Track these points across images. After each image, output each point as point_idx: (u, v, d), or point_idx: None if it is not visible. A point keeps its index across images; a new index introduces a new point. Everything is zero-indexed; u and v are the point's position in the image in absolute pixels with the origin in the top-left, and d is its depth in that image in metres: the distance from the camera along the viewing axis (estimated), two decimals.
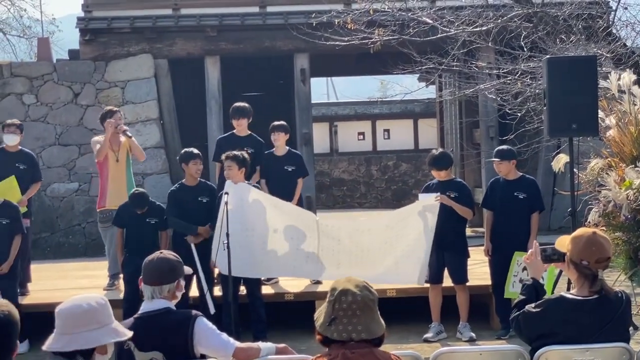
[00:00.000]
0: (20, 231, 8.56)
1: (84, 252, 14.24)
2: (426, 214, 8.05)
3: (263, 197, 8.38)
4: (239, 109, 9.42)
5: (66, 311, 3.37)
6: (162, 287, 4.19)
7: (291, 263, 8.38)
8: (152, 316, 4.15)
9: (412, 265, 8.13)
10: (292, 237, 8.34)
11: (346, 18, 11.93)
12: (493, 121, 14.52)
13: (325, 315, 3.43)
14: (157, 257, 4.29)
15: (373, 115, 24.57)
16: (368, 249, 8.32)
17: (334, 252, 8.36)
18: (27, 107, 14.88)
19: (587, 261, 4.10)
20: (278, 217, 8.35)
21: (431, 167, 8.36)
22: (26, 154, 9.77)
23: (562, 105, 7.58)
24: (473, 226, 15.72)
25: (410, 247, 8.15)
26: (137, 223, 8.48)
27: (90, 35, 15.06)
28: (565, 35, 11.08)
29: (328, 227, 8.42)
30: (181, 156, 8.70)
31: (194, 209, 8.37)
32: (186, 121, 15.67)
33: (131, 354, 4.12)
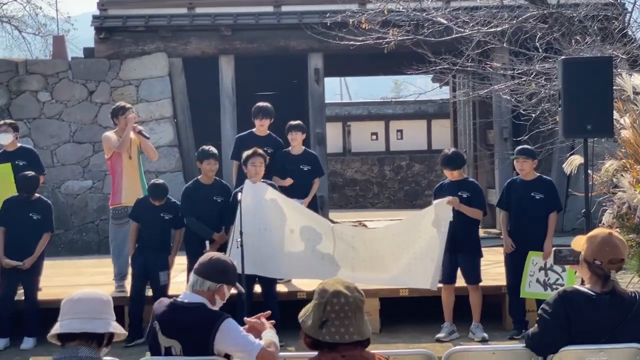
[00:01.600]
0: (49, 229, 8.63)
1: (97, 249, 14.30)
2: (439, 219, 8.03)
3: (280, 197, 8.39)
4: (263, 109, 9.40)
5: (90, 297, 3.49)
6: (205, 282, 4.22)
7: (307, 264, 8.39)
8: (185, 307, 4.19)
9: (423, 268, 8.12)
10: (308, 238, 8.36)
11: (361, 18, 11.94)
12: (507, 122, 14.48)
13: (314, 318, 3.40)
14: (218, 255, 4.36)
15: (386, 115, 24.56)
16: (382, 255, 8.33)
17: (349, 258, 8.38)
18: (42, 105, 14.95)
19: (600, 261, 4.09)
20: (295, 217, 8.37)
21: (444, 166, 8.34)
22: (25, 149, 9.81)
23: (577, 106, 7.56)
24: (486, 227, 15.71)
25: (422, 250, 8.14)
26: (153, 218, 8.49)
27: (105, 34, 15.12)
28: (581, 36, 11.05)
29: (343, 234, 8.45)
30: (198, 154, 8.75)
31: (208, 208, 8.38)
32: (200, 120, 15.71)
33: (156, 334, 4.19)
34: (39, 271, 8.69)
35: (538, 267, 8.10)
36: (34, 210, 8.52)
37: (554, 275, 8.07)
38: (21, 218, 8.46)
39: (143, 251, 8.47)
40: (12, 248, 8.46)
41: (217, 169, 8.63)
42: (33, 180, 8.59)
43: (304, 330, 3.43)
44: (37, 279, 8.67)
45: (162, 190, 8.52)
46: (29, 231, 8.47)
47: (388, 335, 8.47)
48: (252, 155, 8.27)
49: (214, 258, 4.32)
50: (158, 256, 8.44)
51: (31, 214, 8.49)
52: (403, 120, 24.48)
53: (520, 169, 8.28)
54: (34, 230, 8.49)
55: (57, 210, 14.52)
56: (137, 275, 8.49)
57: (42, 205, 8.62)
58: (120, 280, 9.17)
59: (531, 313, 8.22)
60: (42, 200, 8.70)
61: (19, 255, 8.42)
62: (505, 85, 12.06)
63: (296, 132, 9.30)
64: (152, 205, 8.52)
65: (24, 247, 8.43)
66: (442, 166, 8.41)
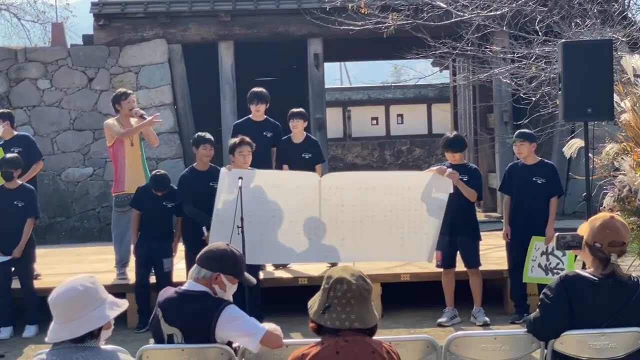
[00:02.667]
0: (33, 214, 8.58)
1: (99, 236, 14.31)
2: (436, 191, 7.98)
3: (260, 178, 8.25)
4: (257, 94, 9.38)
5: (62, 298, 3.30)
6: (201, 270, 4.22)
7: (292, 249, 8.32)
8: (188, 295, 4.19)
9: (418, 242, 8.07)
10: (291, 221, 8.25)
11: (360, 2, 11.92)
12: (507, 106, 14.47)
13: (319, 303, 3.42)
14: (218, 244, 4.33)
15: (386, 100, 24.52)
16: (372, 215, 8.18)
17: (337, 224, 8.21)
18: (42, 92, 14.94)
19: (600, 243, 4.09)
20: (276, 199, 8.24)
21: (445, 149, 8.32)
22: (20, 137, 9.81)
23: (577, 90, 7.55)
24: (487, 211, 15.73)
25: (416, 224, 8.09)
26: (155, 206, 8.49)
27: (104, 21, 15.08)
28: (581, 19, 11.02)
29: (331, 189, 8.24)
30: (193, 139, 8.74)
31: (205, 194, 8.33)
32: (200, 106, 15.69)
33: (159, 321, 4.20)
34: (31, 258, 8.66)
35: (540, 251, 8.11)
36: (18, 197, 8.50)
37: (554, 260, 8.09)
38: (6, 208, 8.43)
39: (146, 239, 8.48)
40: (1, 238, 8.44)
41: (212, 154, 8.59)
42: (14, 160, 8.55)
43: (310, 315, 3.45)
44: (31, 265, 8.65)
45: (164, 181, 8.53)
46: (16, 220, 8.43)
47: (389, 320, 8.48)
48: (240, 144, 8.23)
49: (213, 247, 4.32)
50: (161, 243, 8.46)
51: (15, 201, 8.47)
52: (403, 104, 24.44)
53: (519, 152, 8.27)
54: (20, 218, 8.45)
55: (58, 198, 14.58)
56: (141, 263, 8.50)
57: (24, 191, 8.58)
58: (122, 268, 9.17)
59: (532, 297, 8.24)
60: (25, 187, 8.65)
61: (9, 245, 8.39)
62: (505, 69, 12.05)
63: (297, 120, 9.27)
64: (153, 194, 8.52)
65: (13, 236, 8.40)
66: (443, 148, 8.39)
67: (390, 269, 9.16)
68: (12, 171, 8.50)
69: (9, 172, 8.50)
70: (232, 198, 7.98)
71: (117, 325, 3.57)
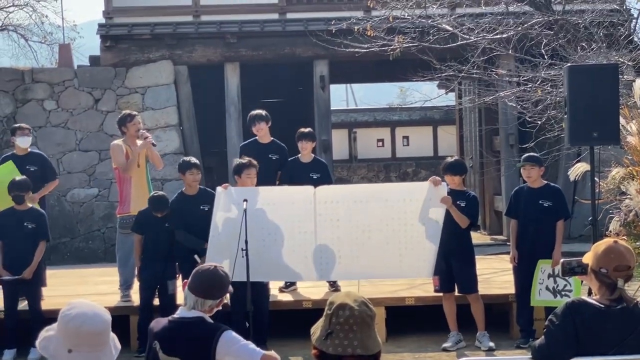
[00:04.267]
0: (45, 237, 8.59)
1: (103, 257, 14.30)
2: (432, 204, 7.97)
3: (256, 196, 8.22)
4: (257, 115, 9.37)
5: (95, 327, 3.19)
6: (206, 301, 4.19)
7: (289, 267, 8.28)
8: (184, 323, 4.17)
9: (416, 257, 8.04)
10: (287, 239, 8.22)
11: (366, 25, 11.93)
12: (513, 129, 14.46)
13: (322, 329, 3.39)
14: (212, 270, 4.28)
15: (392, 122, 24.55)
16: (369, 230, 8.14)
17: (333, 241, 8.17)
18: (48, 113, 14.97)
19: (605, 269, 4.06)
20: (272, 217, 8.23)
21: (445, 172, 8.32)
22: (36, 155, 9.82)
23: (583, 114, 7.53)
24: (492, 234, 15.68)
25: (414, 239, 8.05)
26: (156, 228, 8.47)
27: (111, 42, 15.15)
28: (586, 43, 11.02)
29: (326, 204, 8.21)
30: (179, 166, 8.67)
31: (196, 218, 8.32)
32: (205, 127, 15.71)
33: (156, 353, 4.17)
34: (41, 281, 8.69)
35: (547, 274, 8.08)
36: (29, 219, 8.51)
37: (562, 282, 8.05)
38: (16, 229, 8.44)
39: (150, 262, 8.44)
40: (10, 259, 8.44)
41: (200, 178, 8.58)
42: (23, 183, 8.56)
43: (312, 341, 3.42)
44: (39, 288, 8.66)
45: (163, 202, 8.51)
46: (25, 241, 8.44)
47: (394, 344, 8.43)
48: (248, 166, 8.26)
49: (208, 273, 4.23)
50: (165, 265, 8.42)
51: (25, 223, 8.48)
52: (409, 126, 24.46)
53: (527, 176, 8.25)
54: (30, 240, 8.47)
55: (63, 218, 14.57)
56: (146, 286, 8.47)
57: (35, 214, 8.61)
58: (126, 290, 9.13)
59: (538, 322, 8.18)
60: (35, 210, 8.69)
61: (17, 266, 8.39)
62: (511, 91, 12.04)
63: (307, 142, 9.24)
64: (154, 217, 8.50)
65: (22, 257, 8.40)
66: (443, 172, 8.39)
67: (395, 293, 9.12)
68: (22, 195, 8.52)
69: (19, 196, 8.51)
70: (229, 217, 7.98)
71: None
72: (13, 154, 9.66)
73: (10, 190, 8.54)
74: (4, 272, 8.41)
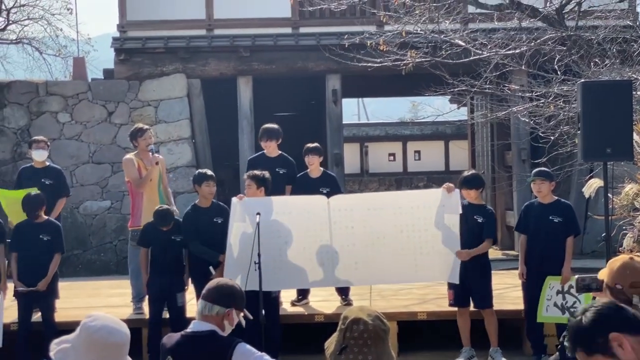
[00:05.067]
0: (60, 249, 8.64)
1: (115, 269, 14.32)
2: (446, 210, 8.03)
3: (271, 206, 8.31)
4: (267, 130, 9.40)
5: (115, 340, 3.19)
6: (213, 306, 4.20)
7: (306, 274, 8.35)
8: (197, 337, 4.18)
9: (430, 263, 8.11)
10: (304, 247, 8.31)
11: (378, 40, 11.95)
12: (525, 144, 14.44)
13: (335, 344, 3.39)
14: (226, 280, 4.34)
15: (404, 136, 24.55)
16: (383, 236, 8.22)
17: (349, 247, 8.26)
18: (62, 126, 15.05)
19: (621, 285, 4.04)
20: (288, 226, 8.30)
21: (461, 186, 8.31)
22: (52, 169, 9.87)
23: (596, 129, 7.53)
24: (504, 249, 15.64)
25: (428, 244, 8.13)
26: (163, 241, 8.49)
27: (124, 55, 15.23)
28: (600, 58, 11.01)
29: (340, 211, 8.31)
30: (195, 177, 8.71)
31: (210, 231, 8.37)
32: (218, 140, 15.76)
33: None
34: (55, 293, 8.72)
35: (555, 290, 8.05)
36: (44, 231, 8.55)
37: (571, 299, 8.01)
38: (32, 241, 8.49)
39: (158, 275, 8.46)
40: (25, 271, 8.48)
41: (215, 190, 8.62)
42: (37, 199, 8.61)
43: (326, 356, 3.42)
44: (53, 300, 8.69)
45: (168, 216, 8.52)
46: (41, 253, 8.49)
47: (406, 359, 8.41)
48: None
49: (221, 283, 4.31)
50: (173, 278, 8.44)
51: (41, 235, 8.53)
52: (421, 141, 24.45)
53: (538, 190, 8.21)
54: (45, 252, 8.51)
55: (76, 231, 14.61)
56: (154, 299, 8.49)
57: (51, 226, 8.66)
58: (138, 303, 9.16)
59: (550, 338, 8.16)
60: (51, 222, 8.74)
61: (32, 278, 8.44)
62: (523, 107, 12.03)
63: (313, 156, 9.27)
64: (160, 230, 8.52)
65: (37, 269, 8.45)
66: (460, 186, 8.37)
67: (407, 307, 9.11)
68: (37, 213, 8.56)
69: (34, 214, 8.56)
70: (244, 228, 8.02)
71: None
72: (31, 166, 9.73)
73: (24, 206, 8.59)
74: (18, 283, 8.45)
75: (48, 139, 10.12)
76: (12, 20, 22.97)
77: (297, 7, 14.91)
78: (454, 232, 8.03)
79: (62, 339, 3.30)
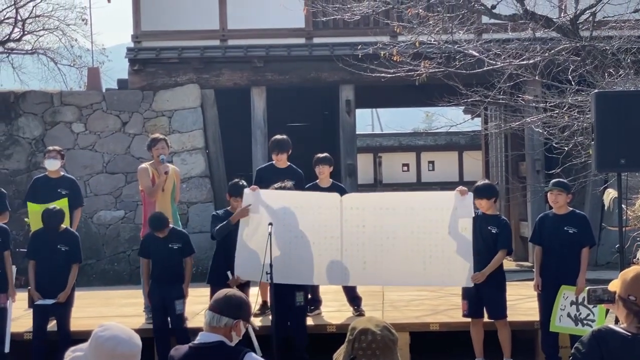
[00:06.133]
0: (78, 260, 8.67)
1: (129, 279, 14.35)
2: (458, 213, 8.01)
3: (283, 200, 8.34)
4: (278, 143, 9.38)
5: (123, 350, 3.20)
6: (221, 317, 4.18)
7: (314, 270, 8.36)
8: (205, 348, 4.16)
9: (440, 266, 8.09)
10: (313, 242, 8.33)
11: (392, 50, 11.94)
12: (539, 154, 14.39)
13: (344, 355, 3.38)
14: (232, 291, 4.32)
15: (418, 146, 24.52)
16: (394, 237, 8.22)
17: (359, 246, 8.26)
18: (76, 136, 15.12)
19: (634, 296, 4.01)
20: (299, 220, 8.33)
21: (474, 196, 8.27)
22: (68, 179, 9.89)
23: (610, 140, 7.49)
24: (518, 260, 15.57)
25: (438, 247, 8.10)
26: (161, 249, 8.52)
27: (139, 65, 15.29)
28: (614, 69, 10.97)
29: (352, 210, 8.31)
30: (233, 187, 8.74)
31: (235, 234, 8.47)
32: (231, 150, 15.78)
33: None
34: (71, 302, 8.74)
35: (569, 301, 7.99)
36: (62, 241, 8.57)
37: (585, 310, 7.95)
38: (50, 250, 8.51)
39: (158, 283, 8.51)
40: (43, 280, 8.51)
41: None
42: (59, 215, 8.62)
43: None
44: (70, 310, 8.71)
45: (161, 220, 8.53)
46: (59, 263, 8.52)
47: None
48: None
49: (229, 294, 4.28)
50: (172, 286, 8.47)
51: (59, 245, 8.55)
52: (434, 151, 24.43)
53: (554, 201, 8.14)
54: (63, 262, 8.54)
55: (90, 240, 14.65)
56: (156, 308, 8.52)
57: (69, 236, 8.68)
58: (150, 312, 9.15)
59: (564, 349, 8.10)
60: (69, 232, 8.76)
61: (50, 287, 8.46)
62: (537, 117, 11.99)
63: (323, 166, 9.27)
64: (158, 238, 8.54)
65: (55, 279, 8.48)
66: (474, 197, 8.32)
67: (419, 318, 9.08)
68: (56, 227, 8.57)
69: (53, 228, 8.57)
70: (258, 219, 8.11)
71: None
72: (45, 176, 9.76)
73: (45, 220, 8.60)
74: (35, 293, 8.47)
75: (62, 149, 10.13)
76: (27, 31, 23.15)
77: (310, 18, 14.94)
78: (466, 237, 7.99)
79: (77, 348, 3.32)
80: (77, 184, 10.13)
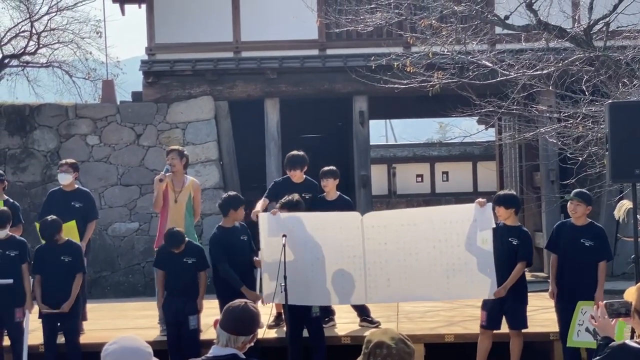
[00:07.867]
0: (81, 270, 8.68)
1: (143, 291, 14.38)
2: (478, 226, 7.98)
3: (302, 223, 8.34)
4: (293, 160, 9.34)
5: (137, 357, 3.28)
6: (238, 337, 4.16)
7: (338, 289, 8.36)
8: None
9: (463, 279, 8.06)
10: (336, 262, 8.32)
11: (405, 61, 11.94)
12: (554, 165, 14.35)
13: None
14: (242, 306, 4.24)
15: (432, 157, 24.50)
16: (416, 252, 8.20)
17: (382, 264, 8.25)
18: (91, 148, 15.18)
19: None
20: (320, 241, 8.32)
21: (494, 204, 8.21)
22: (82, 192, 9.91)
23: (624, 150, 7.47)
24: (533, 271, 15.50)
25: (460, 260, 8.07)
26: (175, 263, 8.52)
27: (153, 78, 15.36)
28: (628, 79, 10.93)
29: (374, 228, 8.32)
30: (234, 200, 8.72)
31: (239, 248, 8.48)
32: (245, 162, 15.81)
33: None
34: (78, 313, 8.74)
35: (588, 315, 7.92)
36: (65, 253, 8.59)
37: None
38: (53, 263, 8.53)
39: (172, 297, 8.52)
40: (48, 293, 8.53)
41: None
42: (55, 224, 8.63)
43: None
44: (77, 321, 8.71)
45: (178, 238, 8.53)
46: (62, 274, 8.53)
47: None
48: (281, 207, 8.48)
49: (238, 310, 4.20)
50: (187, 301, 8.47)
51: (62, 257, 8.57)
52: (448, 162, 24.39)
53: (573, 211, 8.03)
54: (67, 273, 8.55)
55: (104, 252, 14.70)
56: (171, 323, 8.51)
57: (71, 247, 8.69)
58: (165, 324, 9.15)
59: None
60: (71, 243, 8.76)
61: (55, 299, 8.47)
62: (551, 128, 11.95)
63: (327, 179, 9.24)
64: (173, 252, 8.54)
65: (60, 290, 8.49)
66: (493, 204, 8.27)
67: (434, 330, 9.04)
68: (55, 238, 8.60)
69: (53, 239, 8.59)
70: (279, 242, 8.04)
71: None
72: (59, 189, 9.78)
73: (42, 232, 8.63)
74: (43, 306, 8.50)
75: (76, 162, 10.14)
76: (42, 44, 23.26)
77: (323, 29, 14.97)
78: (487, 249, 7.95)
79: None
80: (92, 196, 10.15)
